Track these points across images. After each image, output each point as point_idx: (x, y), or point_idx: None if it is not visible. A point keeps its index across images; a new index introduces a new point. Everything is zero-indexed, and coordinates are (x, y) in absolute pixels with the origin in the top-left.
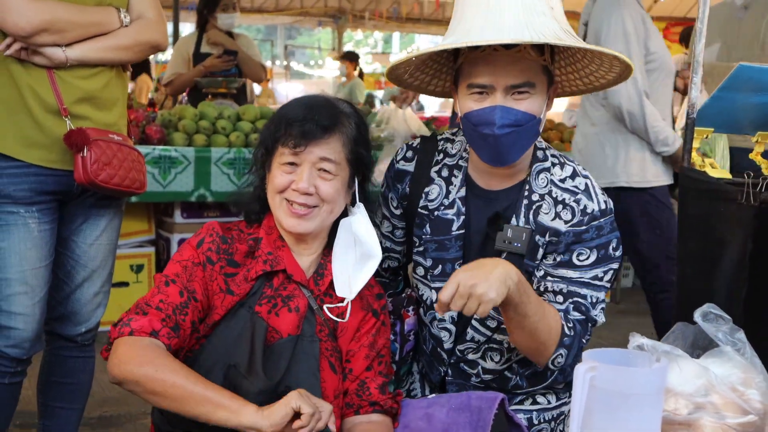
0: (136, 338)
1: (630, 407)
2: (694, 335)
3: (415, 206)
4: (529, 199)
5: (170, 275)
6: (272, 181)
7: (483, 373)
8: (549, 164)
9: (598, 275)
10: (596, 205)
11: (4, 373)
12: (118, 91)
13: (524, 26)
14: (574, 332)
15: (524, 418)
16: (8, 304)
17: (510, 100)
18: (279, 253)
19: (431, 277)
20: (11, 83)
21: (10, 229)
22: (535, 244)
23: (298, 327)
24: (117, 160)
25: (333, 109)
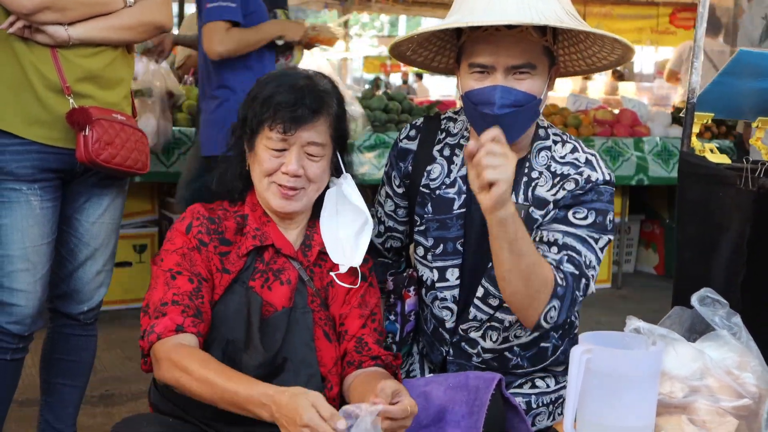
0: (164, 341)
1: (625, 390)
2: (691, 319)
3: (417, 185)
4: (529, 176)
5: (173, 267)
6: (260, 164)
7: (483, 352)
8: (550, 142)
9: (594, 237)
10: (600, 174)
11: (6, 349)
12: (123, 70)
13: (527, 7)
14: (566, 283)
15: (523, 401)
16: (10, 281)
17: (511, 80)
18: (265, 229)
19: (432, 257)
20: (14, 61)
21: (12, 206)
22: (532, 218)
23: (291, 299)
24: (119, 140)
25: (318, 90)
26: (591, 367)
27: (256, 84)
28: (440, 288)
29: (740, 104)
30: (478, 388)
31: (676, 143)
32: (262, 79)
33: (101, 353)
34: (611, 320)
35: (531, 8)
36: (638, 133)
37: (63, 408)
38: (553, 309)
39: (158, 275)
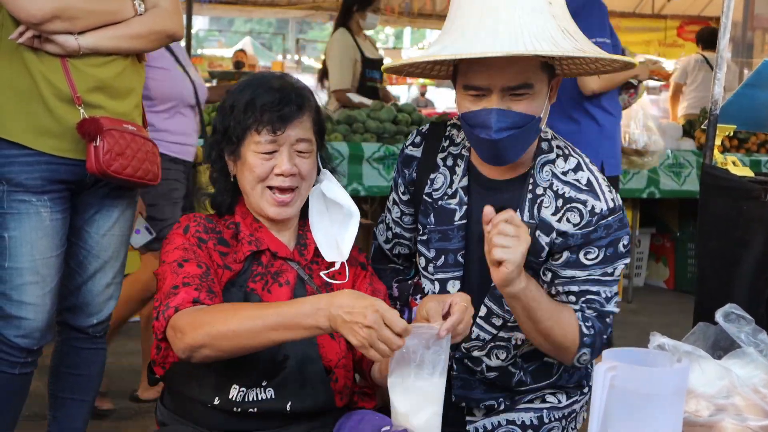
0: (182, 311)
1: (650, 408)
2: (716, 336)
3: (420, 193)
4: (534, 193)
5: (177, 259)
6: (251, 171)
7: (487, 370)
8: (554, 155)
9: (608, 271)
10: (604, 203)
11: (14, 363)
12: (133, 80)
13: (519, 31)
14: (594, 330)
15: (534, 416)
16: (19, 294)
17: (507, 101)
18: (258, 235)
19: (434, 269)
20: (25, 71)
21: (22, 218)
22: (537, 242)
23: (291, 298)
24: (130, 151)
25: (297, 87)
26: (615, 384)
27: (228, 95)
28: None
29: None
30: None
31: (688, 156)
32: (233, 89)
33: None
34: (622, 334)
35: (524, 31)
36: None
37: (71, 422)
38: (584, 355)
39: (164, 270)
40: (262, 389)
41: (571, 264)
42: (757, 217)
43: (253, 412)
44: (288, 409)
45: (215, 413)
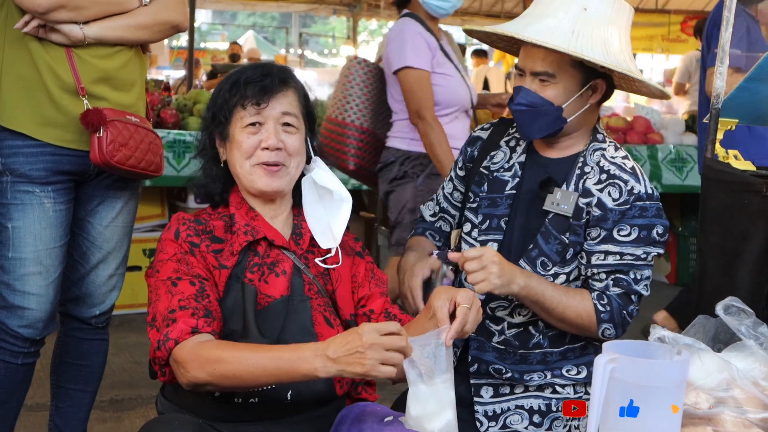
0: (183, 344)
1: (650, 400)
2: (716, 329)
3: (478, 167)
4: (582, 170)
5: (172, 275)
6: (238, 147)
7: (508, 328)
8: (606, 145)
9: (639, 254)
10: (643, 188)
11: (17, 353)
12: (137, 72)
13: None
14: (610, 307)
15: (543, 403)
16: (22, 284)
17: (536, 84)
18: (254, 224)
19: (478, 233)
20: (29, 61)
21: (26, 208)
22: (579, 207)
23: (288, 289)
24: (133, 142)
25: (281, 67)
26: (615, 376)
27: (217, 87)
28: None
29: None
30: None
31: (690, 151)
32: (222, 81)
33: (110, 358)
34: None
35: (575, 35)
36: (651, 141)
37: (73, 413)
38: (607, 330)
39: (158, 286)
40: None
41: (604, 239)
42: (758, 211)
43: (254, 401)
44: (288, 398)
45: (216, 404)
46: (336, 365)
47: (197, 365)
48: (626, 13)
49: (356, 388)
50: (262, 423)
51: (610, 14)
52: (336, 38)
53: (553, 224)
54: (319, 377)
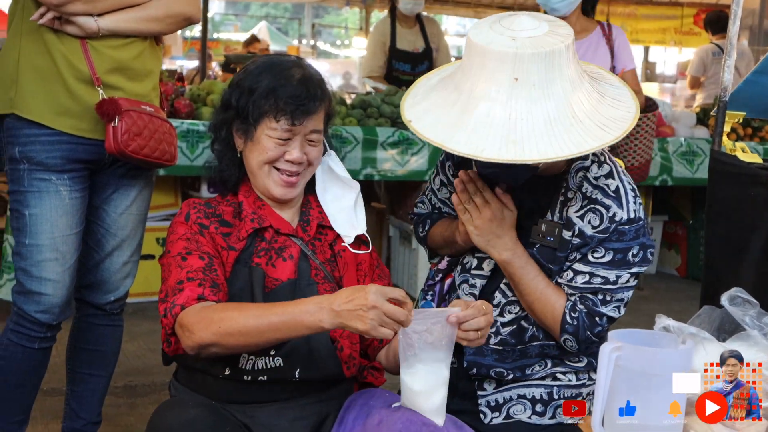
0: (189, 309)
1: (654, 388)
2: (721, 319)
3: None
4: (565, 196)
5: (181, 251)
6: (262, 153)
7: (502, 327)
8: (588, 162)
9: (610, 279)
10: (625, 213)
11: (33, 338)
12: (151, 62)
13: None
14: (577, 322)
15: (545, 392)
16: (39, 270)
17: None
18: (261, 212)
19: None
20: (45, 52)
21: (42, 196)
22: (564, 240)
23: (295, 272)
24: (148, 131)
25: (317, 80)
26: (620, 364)
27: (246, 73)
28: (474, 275)
29: None
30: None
31: (701, 144)
32: (251, 69)
33: (124, 345)
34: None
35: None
36: (663, 134)
37: (88, 397)
38: (568, 341)
39: (168, 263)
40: (270, 358)
41: (579, 259)
42: (765, 203)
43: (263, 380)
44: (297, 377)
45: (227, 384)
46: (339, 318)
47: (203, 326)
48: (563, 52)
49: (362, 372)
50: (272, 405)
51: (543, 73)
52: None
53: (541, 254)
54: (324, 328)
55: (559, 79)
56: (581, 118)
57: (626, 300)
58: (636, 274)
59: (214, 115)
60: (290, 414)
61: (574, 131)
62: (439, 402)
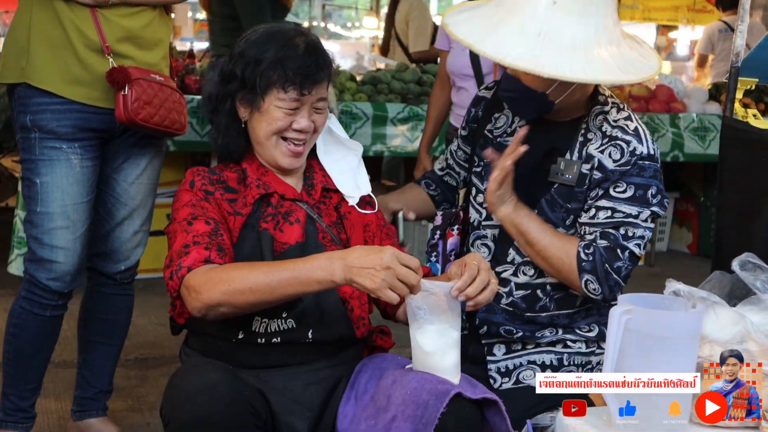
0: (196, 270)
1: (664, 351)
2: (732, 284)
3: (482, 128)
4: (585, 137)
5: (187, 217)
6: (270, 123)
7: (516, 289)
8: (609, 108)
9: (632, 213)
10: (645, 148)
11: (45, 305)
12: (161, 31)
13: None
14: (593, 257)
15: (555, 358)
16: (50, 238)
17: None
18: (265, 179)
19: (483, 198)
20: (56, 21)
21: (53, 164)
22: (582, 174)
23: (303, 235)
24: (158, 100)
25: (321, 48)
26: (630, 327)
27: (248, 43)
28: (484, 226)
29: None
30: (427, 404)
31: (713, 120)
32: (253, 38)
33: (135, 319)
34: None
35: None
36: (674, 110)
37: (100, 366)
38: (590, 282)
39: (174, 229)
40: (283, 320)
41: (600, 196)
42: None
43: (277, 342)
44: (310, 338)
45: (241, 347)
46: (350, 273)
47: (210, 286)
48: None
49: (371, 336)
50: (285, 369)
51: (582, 5)
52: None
53: (558, 193)
54: (334, 283)
55: (595, 15)
56: (604, 57)
57: (646, 239)
58: (654, 216)
59: (214, 86)
60: (303, 378)
61: (594, 63)
62: (453, 362)
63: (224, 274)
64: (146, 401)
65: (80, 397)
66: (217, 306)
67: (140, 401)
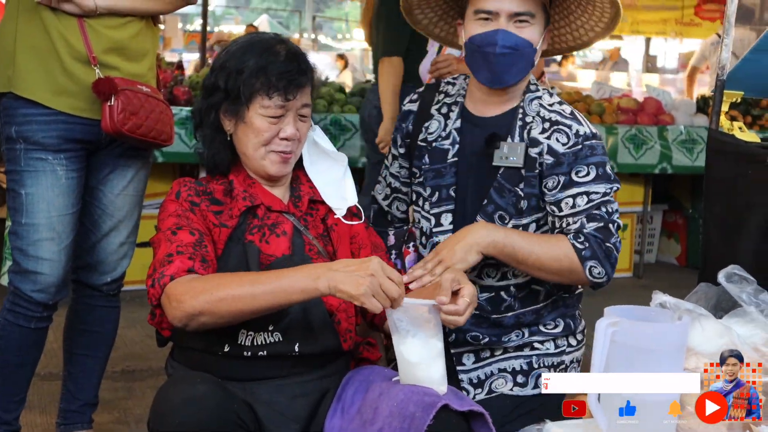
0: (178, 280)
1: (650, 363)
2: (718, 296)
3: (416, 140)
4: (523, 121)
5: (172, 227)
6: (256, 134)
7: (480, 292)
8: (540, 93)
9: (605, 191)
10: (586, 128)
11: (30, 317)
12: (148, 42)
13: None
14: (589, 243)
15: (524, 362)
16: (35, 249)
17: (512, 26)
18: (252, 191)
19: (429, 206)
20: (42, 31)
21: (39, 175)
22: (530, 157)
23: (289, 248)
24: (144, 111)
25: (302, 53)
26: (616, 339)
27: (229, 55)
28: (436, 233)
29: None
30: (414, 416)
31: (701, 132)
32: (233, 49)
33: (122, 331)
34: None
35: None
36: (662, 122)
37: (85, 379)
38: (594, 267)
39: (158, 239)
40: (269, 333)
41: (565, 185)
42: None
43: (263, 355)
44: (296, 351)
45: (226, 361)
46: (334, 281)
47: (192, 295)
48: None
49: (358, 348)
50: (272, 381)
51: None
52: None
53: (505, 177)
54: (318, 290)
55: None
56: None
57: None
58: (615, 192)
59: (198, 101)
60: (290, 391)
61: None
62: (440, 372)
63: (207, 284)
64: (132, 414)
65: (65, 409)
66: (198, 315)
67: (126, 414)
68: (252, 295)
